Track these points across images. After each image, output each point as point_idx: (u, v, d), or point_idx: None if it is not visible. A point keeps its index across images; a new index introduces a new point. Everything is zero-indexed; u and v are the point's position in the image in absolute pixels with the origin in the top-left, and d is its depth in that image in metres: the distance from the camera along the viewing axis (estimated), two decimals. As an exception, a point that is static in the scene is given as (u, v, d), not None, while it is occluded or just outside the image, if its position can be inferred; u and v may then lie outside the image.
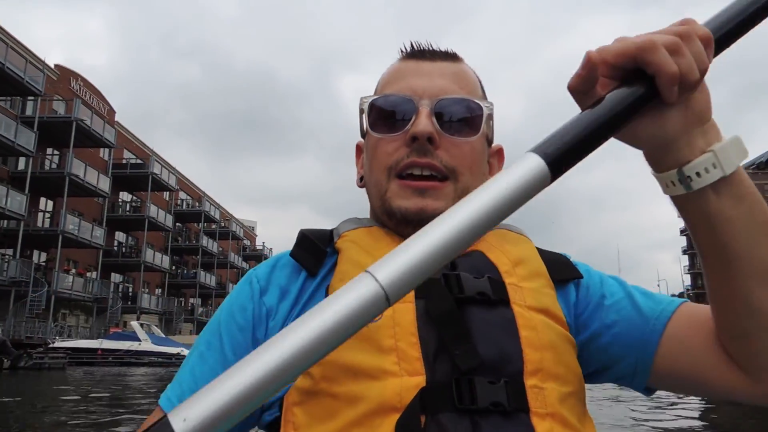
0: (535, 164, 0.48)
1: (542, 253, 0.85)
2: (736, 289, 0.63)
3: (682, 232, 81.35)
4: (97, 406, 9.65)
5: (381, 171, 0.82)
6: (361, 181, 0.90)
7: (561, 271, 0.82)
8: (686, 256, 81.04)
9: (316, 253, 0.81)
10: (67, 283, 30.44)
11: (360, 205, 0.94)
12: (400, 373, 0.67)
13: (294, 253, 0.81)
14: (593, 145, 0.51)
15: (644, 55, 0.53)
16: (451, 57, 0.87)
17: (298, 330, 0.40)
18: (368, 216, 0.89)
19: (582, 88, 0.56)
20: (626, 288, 0.83)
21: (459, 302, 0.71)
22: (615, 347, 0.79)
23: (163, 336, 31.41)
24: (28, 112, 30.38)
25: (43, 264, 31.23)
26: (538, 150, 0.49)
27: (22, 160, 29.71)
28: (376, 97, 0.84)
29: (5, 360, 20.28)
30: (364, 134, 0.88)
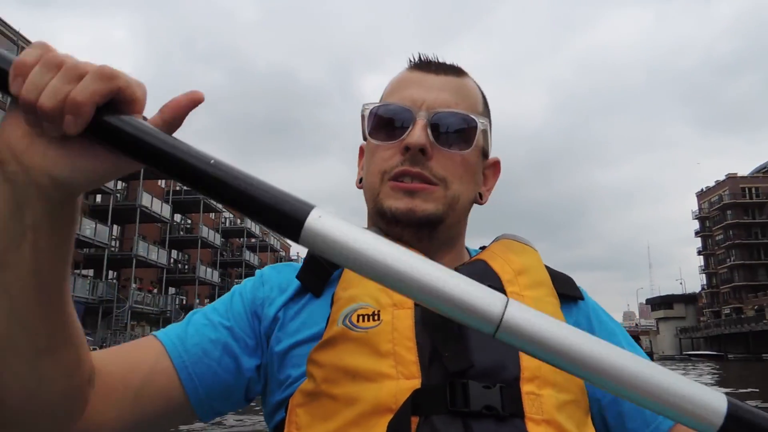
0: (717, 406, 0.42)
1: (548, 269, 0.88)
2: None
3: (696, 233, 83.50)
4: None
5: (376, 174, 0.85)
6: (360, 183, 0.93)
7: (564, 287, 0.85)
8: (701, 257, 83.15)
9: (321, 276, 0.83)
10: (139, 298, 35.74)
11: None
12: (397, 376, 0.68)
13: (300, 277, 0.84)
14: None
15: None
16: (455, 71, 0.89)
17: (421, 264, 0.45)
18: (366, 219, 0.91)
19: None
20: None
21: None
22: (611, 418, 0.82)
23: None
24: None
25: (115, 282, 36.38)
26: (732, 405, 0.43)
27: (99, 195, 34.88)
28: (377, 105, 0.88)
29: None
30: (366, 138, 0.91)
